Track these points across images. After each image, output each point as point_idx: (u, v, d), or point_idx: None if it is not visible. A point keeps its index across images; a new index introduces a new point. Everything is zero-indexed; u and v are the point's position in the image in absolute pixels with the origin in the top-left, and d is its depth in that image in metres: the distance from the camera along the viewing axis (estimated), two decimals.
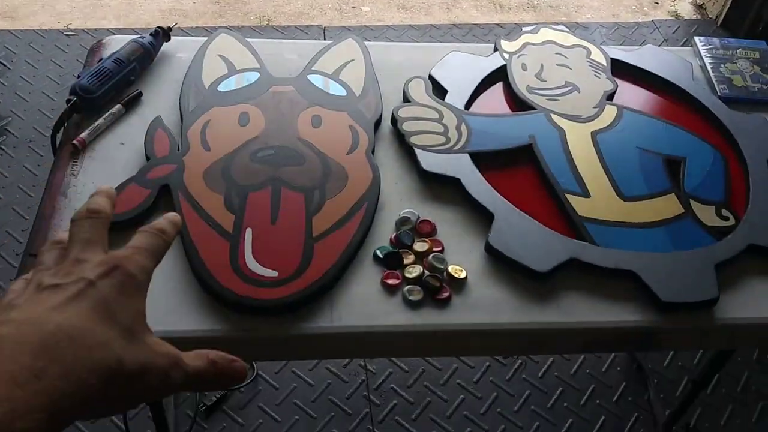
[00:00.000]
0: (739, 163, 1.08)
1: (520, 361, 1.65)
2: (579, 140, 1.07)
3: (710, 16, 2.68)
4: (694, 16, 2.75)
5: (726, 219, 0.98)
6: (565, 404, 1.59)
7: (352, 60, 1.17)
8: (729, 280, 0.93)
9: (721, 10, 2.61)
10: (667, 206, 0.99)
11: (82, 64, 1.26)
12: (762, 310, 0.91)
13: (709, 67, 1.23)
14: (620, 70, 1.21)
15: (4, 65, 2.23)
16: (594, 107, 1.12)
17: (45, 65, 2.24)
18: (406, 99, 1.11)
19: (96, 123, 1.03)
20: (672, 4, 2.82)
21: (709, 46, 1.27)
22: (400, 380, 1.60)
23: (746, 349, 1.73)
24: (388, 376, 1.60)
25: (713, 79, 1.21)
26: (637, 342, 0.91)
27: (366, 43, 1.20)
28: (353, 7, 2.69)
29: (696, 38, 1.29)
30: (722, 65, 1.24)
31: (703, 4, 2.74)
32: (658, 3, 2.82)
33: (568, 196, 0.99)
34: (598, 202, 0.98)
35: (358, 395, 1.57)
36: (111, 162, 1.00)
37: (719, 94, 1.18)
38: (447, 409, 1.56)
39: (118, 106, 1.06)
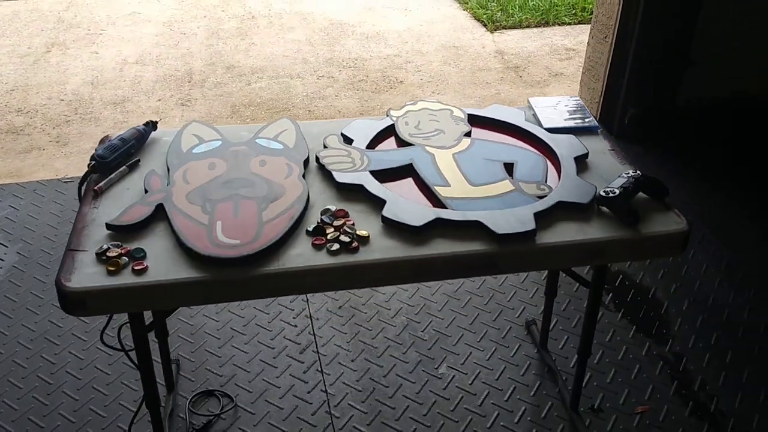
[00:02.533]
0: (555, 162, 1.56)
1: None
2: (444, 158, 1.55)
3: None
4: None
5: (543, 190, 1.45)
6: (492, 402, 1.93)
7: (286, 129, 1.66)
8: (546, 223, 1.38)
9: (596, 114, 3.25)
10: (502, 187, 1.46)
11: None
12: (566, 237, 1.35)
13: (538, 114, 1.75)
14: (476, 121, 1.72)
15: (12, 207, 2.69)
16: (455, 140, 1.62)
17: (48, 206, 2.71)
18: (325, 147, 1.59)
19: (109, 177, 1.48)
20: None
21: (541, 103, 1.81)
22: (355, 398, 1.94)
23: (624, 331, 2.16)
24: (345, 395, 1.94)
25: (540, 120, 1.73)
26: (487, 265, 1.33)
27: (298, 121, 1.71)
28: None
29: (529, 99, 1.82)
30: (548, 110, 1.77)
31: None
32: None
33: (436, 187, 1.45)
34: (456, 188, 1.45)
35: (321, 412, 1.90)
36: (120, 199, 1.44)
37: (544, 126, 1.70)
38: (396, 414, 1.89)
39: (123, 167, 1.52)
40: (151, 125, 1.65)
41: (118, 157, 1.53)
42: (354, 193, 1.46)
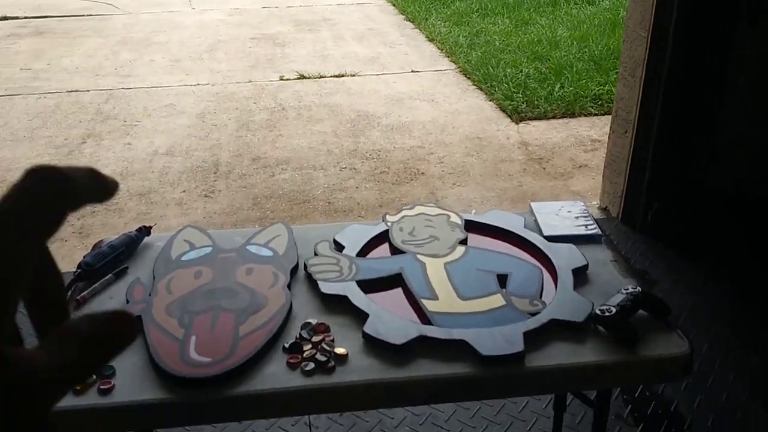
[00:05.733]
0: (552, 273, 1.49)
1: None
2: (435, 268, 1.50)
3: (613, 215, 3.24)
4: (601, 217, 3.30)
5: (536, 306, 1.38)
6: None
7: (279, 235, 1.64)
8: (538, 343, 1.30)
9: (619, 209, 3.17)
10: (493, 301, 1.39)
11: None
12: (557, 360, 1.26)
13: (539, 220, 1.70)
14: (474, 227, 1.68)
15: None
16: (449, 248, 1.57)
17: None
18: (316, 254, 1.56)
19: (93, 286, 1.47)
20: None
21: (543, 208, 1.76)
22: None
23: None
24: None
25: (540, 227, 1.67)
26: (467, 390, 1.25)
27: (292, 226, 1.69)
28: None
29: (531, 203, 1.77)
30: (550, 216, 1.71)
31: (606, 207, 3.31)
32: None
33: (423, 300, 1.39)
34: (443, 302, 1.39)
35: None
36: (101, 310, 1.42)
37: (544, 234, 1.64)
38: None
39: (110, 275, 1.51)
40: (144, 231, 1.64)
41: (105, 265, 1.52)
42: (338, 304, 1.41)
